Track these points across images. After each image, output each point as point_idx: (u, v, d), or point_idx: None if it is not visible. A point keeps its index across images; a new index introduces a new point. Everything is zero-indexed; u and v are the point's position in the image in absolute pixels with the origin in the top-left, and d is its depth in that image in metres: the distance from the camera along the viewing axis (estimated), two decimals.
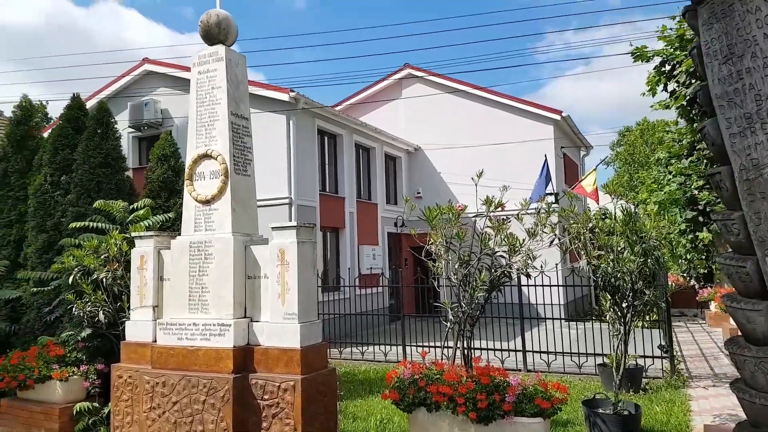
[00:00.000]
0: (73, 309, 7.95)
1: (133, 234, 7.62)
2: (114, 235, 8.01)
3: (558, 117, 20.34)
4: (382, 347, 13.08)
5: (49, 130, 11.99)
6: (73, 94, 10.95)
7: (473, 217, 6.72)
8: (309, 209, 15.13)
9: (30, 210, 10.23)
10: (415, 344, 12.63)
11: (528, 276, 6.57)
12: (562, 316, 16.57)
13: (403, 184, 21.12)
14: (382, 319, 15.95)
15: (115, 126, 10.62)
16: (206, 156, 7.07)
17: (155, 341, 7.08)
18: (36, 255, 9.81)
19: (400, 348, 12.83)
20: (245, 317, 6.76)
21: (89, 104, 10.72)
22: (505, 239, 6.00)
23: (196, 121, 7.20)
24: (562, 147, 21.91)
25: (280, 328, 6.41)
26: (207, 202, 7.00)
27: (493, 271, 6.15)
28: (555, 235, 6.63)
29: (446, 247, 6.10)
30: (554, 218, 7.13)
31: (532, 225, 6.68)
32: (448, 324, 6.26)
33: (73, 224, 8.76)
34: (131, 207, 9.01)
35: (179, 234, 7.28)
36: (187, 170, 7.19)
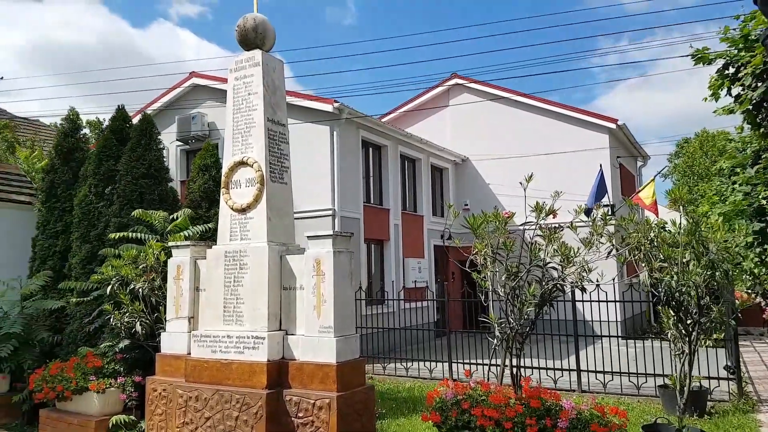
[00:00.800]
0: (111, 320, 7.86)
1: (170, 243, 7.48)
2: (152, 244, 7.90)
3: (613, 126, 19.48)
4: (428, 363, 12.60)
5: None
6: (118, 106, 11.05)
7: (522, 226, 6.23)
8: (353, 221, 14.86)
9: (75, 221, 10.31)
10: (461, 361, 12.09)
11: (583, 290, 6.04)
12: (619, 334, 15.68)
13: (450, 196, 20.63)
14: (428, 334, 15.45)
15: (159, 137, 10.63)
16: (242, 163, 6.86)
17: (190, 354, 6.87)
18: (80, 265, 9.86)
19: (446, 365, 12.32)
20: (280, 330, 6.46)
21: (138, 119, 10.76)
22: (558, 249, 5.50)
23: (232, 128, 7.02)
24: (618, 157, 20.98)
25: (316, 341, 6.08)
26: (242, 210, 6.77)
27: (544, 284, 5.64)
28: (612, 245, 6.06)
29: (493, 258, 5.64)
30: (611, 228, 6.55)
31: (588, 235, 6.14)
32: (495, 341, 5.78)
33: (113, 234, 8.73)
34: (171, 217, 8.91)
35: (216, 244, 7.09)
36: (223, 178, 7.00)
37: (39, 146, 17.50)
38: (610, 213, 18.68)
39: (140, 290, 7.76)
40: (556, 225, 5.91)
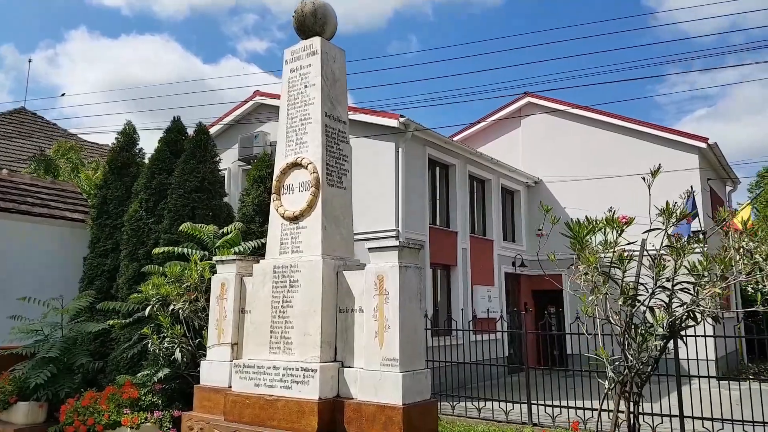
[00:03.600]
0: (150, 345, 7.04)
1: (215, 259, 6.61)
2: (195, 259, 7.06)
3: (704, 145, 17.62)
4: (502, 404, 11.16)
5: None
6: (174, 117, 10.52)
7: (629, 246, 4.92)
8: (417, 244, 13.72)
9: (124, 238, 9.72)
10: (542, 403, 10.60)
11: (717, 320, 4.67)
12: (713, 374, 13.72)
13: (521, 220, 19.20)
14: (500, 370, 14.00)
15: (214, 149, 9.98)
16: (295, 165, 5.93)
17: (231, 387, 5.88)
18: (126, 285, 9.20)
19: (524, 406, 10.84)
20: (335, 361, 5.39)
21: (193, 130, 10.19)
22: (697, 264, 4.20)
23: (286, 125, 6.14)
24: (708, 179, 19.01)
25: (377, 377, 4.96)
26: (294, 218, 5.82)
27: (671, 310, 4.33)
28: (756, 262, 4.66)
29: (605, 276, 4.39)
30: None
31: (719, 250, 4.80)
32: (606, 383, 4.48)
33: (157, 249, 7.99)
34: (221, 231, 8.10)
35: (265, 257, 6.16)
36: (274, 182, 6.10)
37: (103, 167, 17.53)
38: (701, 239, 16.71)
39: (181, 311, 6.90)
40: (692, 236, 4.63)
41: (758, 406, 9.75)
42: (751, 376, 16.64)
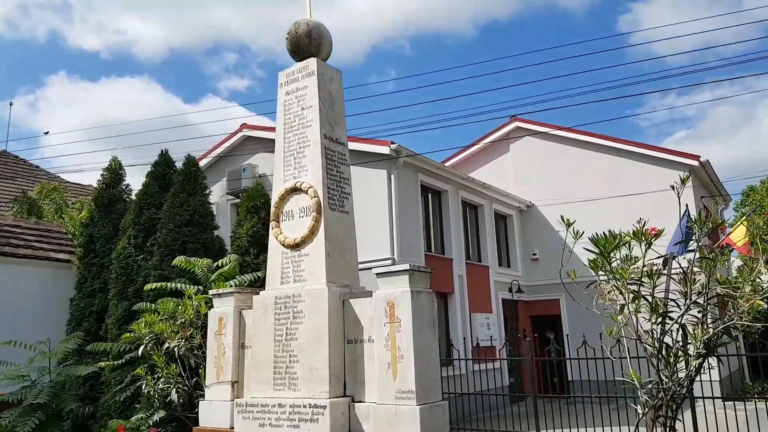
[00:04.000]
0: (144, 386, 6.63)
1: (211, 292, 6.28)
2: (190, 293, 6.72)
3: (696, 163, 17.66)
4: None
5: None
6: (162, 151, 10.27)
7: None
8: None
9: (112, 276, 9.34)
10: None
11: (764, 340, 4.44)
12: (717, 395, 13.40)
13: (516, 245, 18.98)
14: (502, 400, 13.60)
15: (204, 181, 9.71)
16: (295, 190, 5.68)
17: (233, 428, 5.50)
18: (115, 325, 8.78)
19: None
20: (345, 396, 5.05)
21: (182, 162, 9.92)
22: (736, 277, 3.97)
23: (283, 150, 5.90)
24: (702, 197, 19.02)
25: (392, 412, 4.62)
26: (296, 246, 5.53)
27: (706, 327, 4.08)
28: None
29: (635, 293, 4.14)
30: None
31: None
32: (639, 408, 4.18)
33: (149, 285, 7.62)
34: (215, 264, 7.77)
35: (263, 289, 5.84)
36: (273, 209, 5.83)
37: (88, 208, 17.13)
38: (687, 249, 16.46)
39: (176, 350, 6.52)
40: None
41: (765, 427, 9.47)
42: (756, 396, 16.34)
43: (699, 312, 4.16)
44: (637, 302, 4.06)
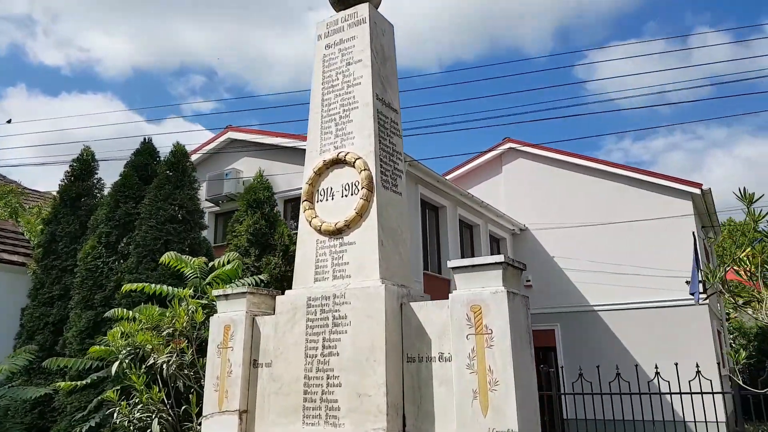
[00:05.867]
0: (115, 415, 5.16)
1: (216, 292, 4.92)
2: (184, 294, 5.34)
3: (697, 191, 17.10)
4: None
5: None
6: (145, 138, 8.86)
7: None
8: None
9: (76, 281, 7.80)
10: None
11: None
12: None
13: None
14: None
15: (194, 173, 8.35)
16: (336, 162, 4.45)
17: None
18: (77, 339, 7.23)
19: None
20: None
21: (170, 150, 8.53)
22: None
23: (321, 113, 4.68)
24: (703, 227, 18.47)
25: None
26: (337, 232, 4.28)
27: None
28: None
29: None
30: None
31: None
32: None
33: (128, 286, 6.20)
34: (210, 265, 6.41)
35: (283, 292, 4.54)
36: (305, 187, 4.56)
37: (53, 201, 15.40)
38: (701, 291, 15.63)
39: (163, 367, 5.10)
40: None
41: None
42: None
43: None
44: None
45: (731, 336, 25.43)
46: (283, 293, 4.47)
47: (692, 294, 13.81)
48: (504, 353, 3.43)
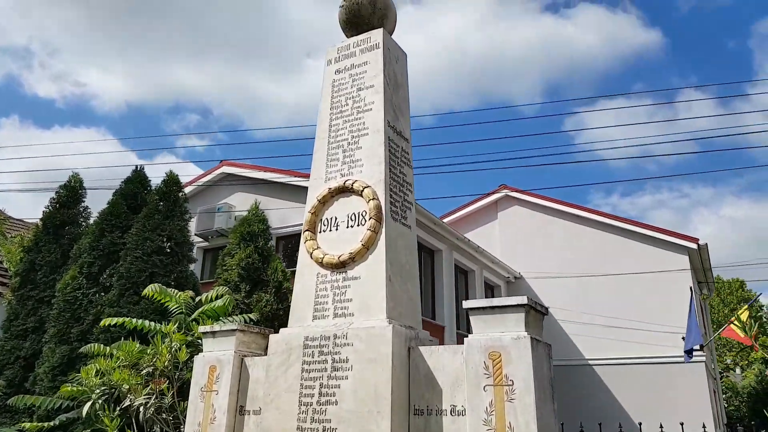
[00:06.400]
0: None
1: (202, 329, 4.51)
2: (168, 329, 4.91)
3: (694, 246, 16.94)
4: None
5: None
6: (136, 167, 8.55)
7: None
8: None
9: (53, 313, 7.33)
10: None
11: None
12: None
13: None
14: None
15: (186, 204, 8.01)
16: (343, 191, 4.13)
17: None
18: (49, 376, 6.71)
19: None
20: None
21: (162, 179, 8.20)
22: None
23: (328, 139, 4.40)
24: (699, 282, 18.24)
25: None
26: (340, 265, 3.93)
27: None
28: None
29: None
30: None
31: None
32: None
33: (106, 320, 5.75)
34: (198, 299, 6.00)
35: (277, 331, 4.14)
36: (307, 216, 4.23)
37: (36, 228, 14.88)
38: (698, 349, 15.21)
39: (140, 410, 4.63)
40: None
41: None
42: None
43: None
44: None
45: (724, 395, 24.94)
46: (276, 332, 4.07)
47: (686, 352, 13.46)
48: (527, 408, 3.05)
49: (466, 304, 3.47)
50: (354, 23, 4.65)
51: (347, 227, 4.02)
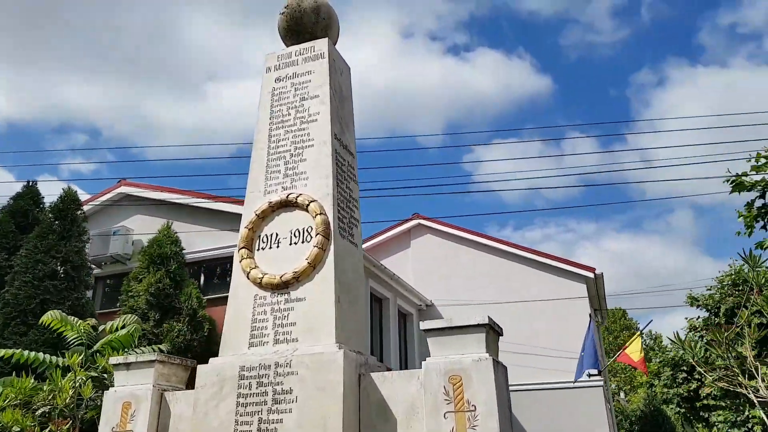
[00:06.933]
0: None
1: (114, 359, 3.95)
2: (73, 363, 4.29)
3: (591, 275, 17.87)
4: None
5: None
6: (28, 182, 7.70)
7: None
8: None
9: None
10: None
11: None
12: None
13: (414, 348, 17.46)
14: None
15: (85, 223, 7.26)
16: (286, 204, 3.82)
17: None
18: None
19: None
20: None
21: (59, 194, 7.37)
22: None
23: (267, 150, 4.09)
24: (595, 310, 19.20)
25: None
26: (282, 285, 3.59)
27: None
28: None
29: None
30: None
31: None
32: None
33: None
34: (101, 328, 5.34)
35: (204, 362, 3.71)
36: (243, 232, 3.87)
37: None
38: (596, 373, 16.05)
39: None
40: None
41: None
42: None
43: None
44: None
45: (617, 419, 26.33)
46: (195, 366, 3.63)
47: (577, 378, 14.07)
48: None
49: (424, 325, 3.27)
50: (295, 31, 4.41)
51: (290, 244, 3.71)
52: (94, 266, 12.70)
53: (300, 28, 4.39)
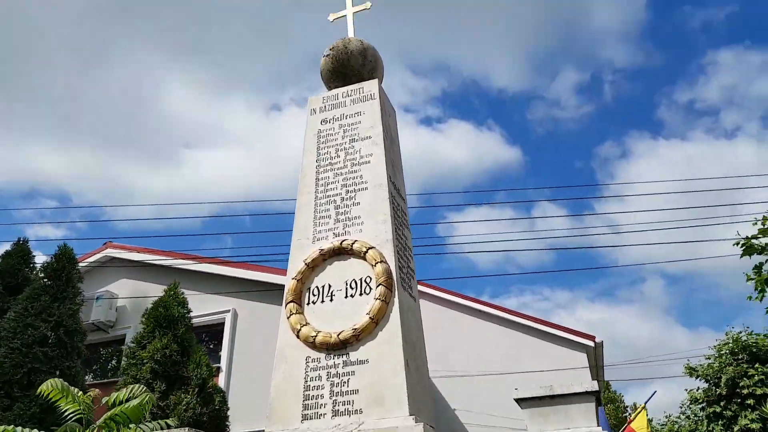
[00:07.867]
0: None
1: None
2: None
3: (591, 343, 17.40)
4: None
5: None
6: (18, 239, 7.14)
7: None
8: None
9: None
10: None
11: None
12: None
13: None
14: None
15: (80, 282, 6.69)
16: (339, 252, 3.40)
17: None
18: None
19: None
20: None
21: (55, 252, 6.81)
22: None
23: (315, 194, 3.70)
24: (598, 380, 18.60)
25: None
26: (338, 345, 3.11)
27: None
28: None
29: None
30: None
31: None
32: None
33: None
34: (104, 401, 4.70)
35: None
36: (290, 284, 3.41)
37: None
38: None
39: None
40: None
41: None
42: None
43: None
44: None
45: None
46: None
47: None
48: None
49: (518, 394, 2.80)
50: (341, 74, 4.15)
51: (345, 297, 3.25)
52: (88, 331, 11.90)
53: (346, 70, 4.13)
